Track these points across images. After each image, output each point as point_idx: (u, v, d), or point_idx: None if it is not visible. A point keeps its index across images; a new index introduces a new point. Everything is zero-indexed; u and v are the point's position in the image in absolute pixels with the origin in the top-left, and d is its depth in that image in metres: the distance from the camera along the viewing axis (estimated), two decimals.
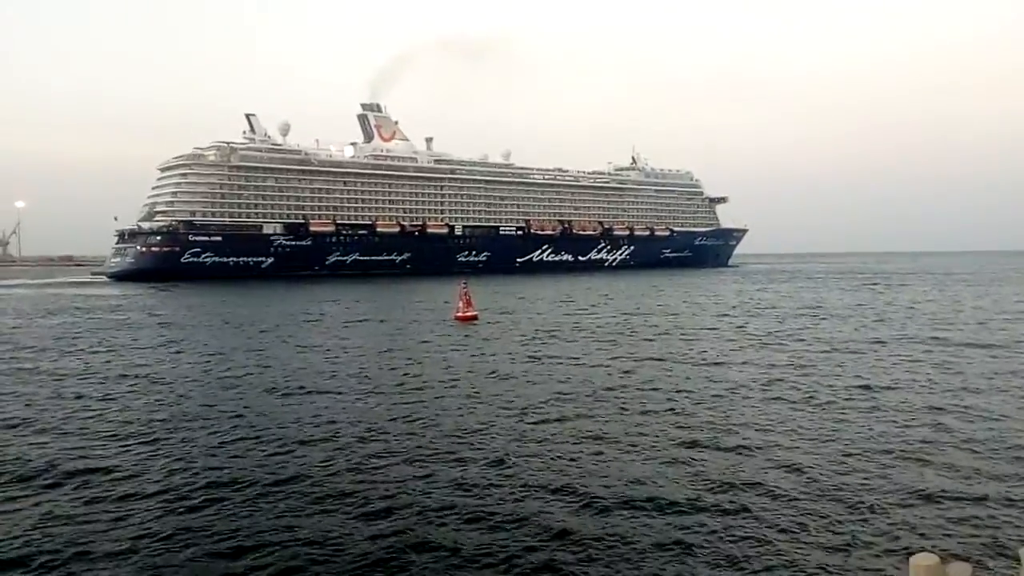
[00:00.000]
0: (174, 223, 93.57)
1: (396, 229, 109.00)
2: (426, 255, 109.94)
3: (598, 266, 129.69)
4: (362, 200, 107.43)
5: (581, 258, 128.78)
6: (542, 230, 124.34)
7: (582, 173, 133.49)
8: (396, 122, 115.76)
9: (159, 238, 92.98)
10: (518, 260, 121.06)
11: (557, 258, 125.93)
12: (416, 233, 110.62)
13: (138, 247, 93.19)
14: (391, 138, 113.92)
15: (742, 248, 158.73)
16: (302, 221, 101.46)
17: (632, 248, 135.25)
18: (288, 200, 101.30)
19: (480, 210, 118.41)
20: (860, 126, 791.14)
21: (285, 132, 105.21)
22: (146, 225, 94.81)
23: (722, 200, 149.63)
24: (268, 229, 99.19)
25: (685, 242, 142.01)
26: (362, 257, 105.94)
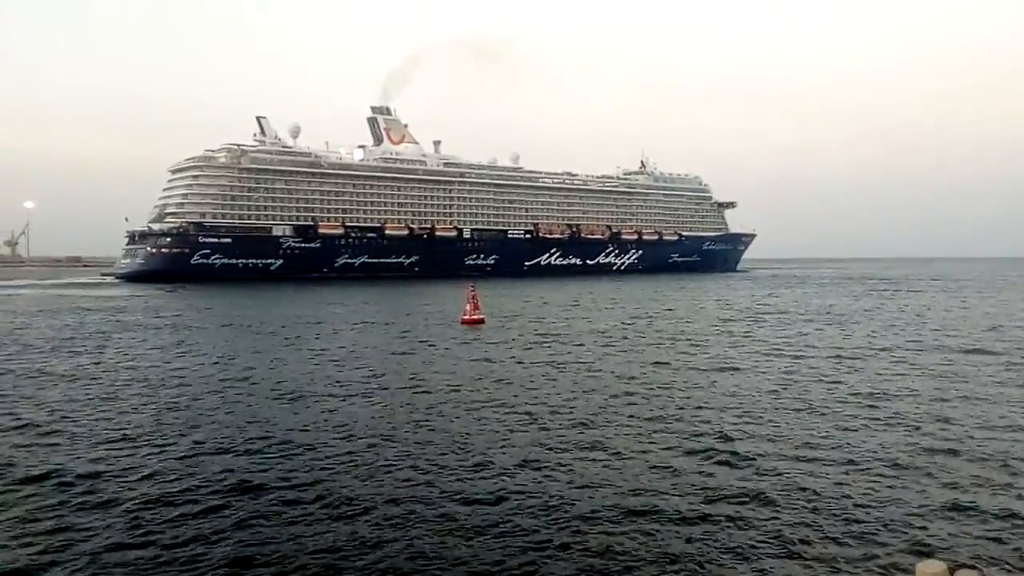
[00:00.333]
0: (184, 224, 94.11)
1: (405, 232, 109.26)
2: (434, 258, 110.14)
3: (606, 270, 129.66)
4: (371, 203, 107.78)
5: (589, 262, 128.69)
6: (550, 234, 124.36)
7: (591, 177, 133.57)
8: (406, 125, 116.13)
9: (169, 239, 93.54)
10: (526, 264, 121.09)
11: (565, 262, 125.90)
12: (425, 236, 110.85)
13: (148, 248, 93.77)
14: (400, 141, 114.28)
15: (750, 253, 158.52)
16: (311, 223, 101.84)
17: (640, 252, 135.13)
18: (297, 202, 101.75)
19: (489, 213, 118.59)
20: (865, 129, 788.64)
21: (295, 134, 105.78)
22: (156, 226, 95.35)
23: (731, 205, 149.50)
24: (277, 231, 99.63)
25: (693, 247, 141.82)
26: (371, 260, 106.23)
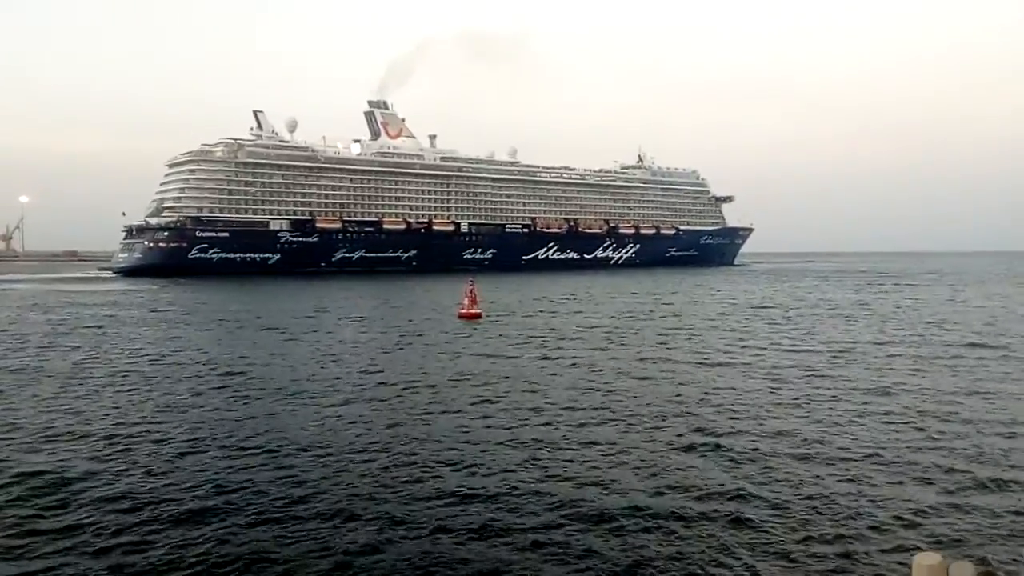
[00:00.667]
0: (181, 219, 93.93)
1: (402, 226, 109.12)
2: (432, 252, 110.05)
3: (603, 264, 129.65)
4: (368, 197, 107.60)
5: (587, 256, 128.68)
6: (548, 228, 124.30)
7: (588, 171, 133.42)
8: (403, 119, 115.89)
9: (166, 234, 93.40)
10: (524, 258, 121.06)
11: (563, 256, 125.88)
12: (422, 230, 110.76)
13: (146, 242, 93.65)
14: (398, 135, 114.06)
15: (747, 247, 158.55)
16: (309, 218, 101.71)
17: (638, 246, 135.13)
18: (295, 196, 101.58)
19: (486, 208, 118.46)
20: (863, 125, 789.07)
21: (292, 129, 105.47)
22: (154, 221, 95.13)
23: (728, 199, 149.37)
24: (275, 225, 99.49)
25: (691, 241, 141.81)
26: (368, 254, 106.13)
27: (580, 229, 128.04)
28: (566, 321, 37.53)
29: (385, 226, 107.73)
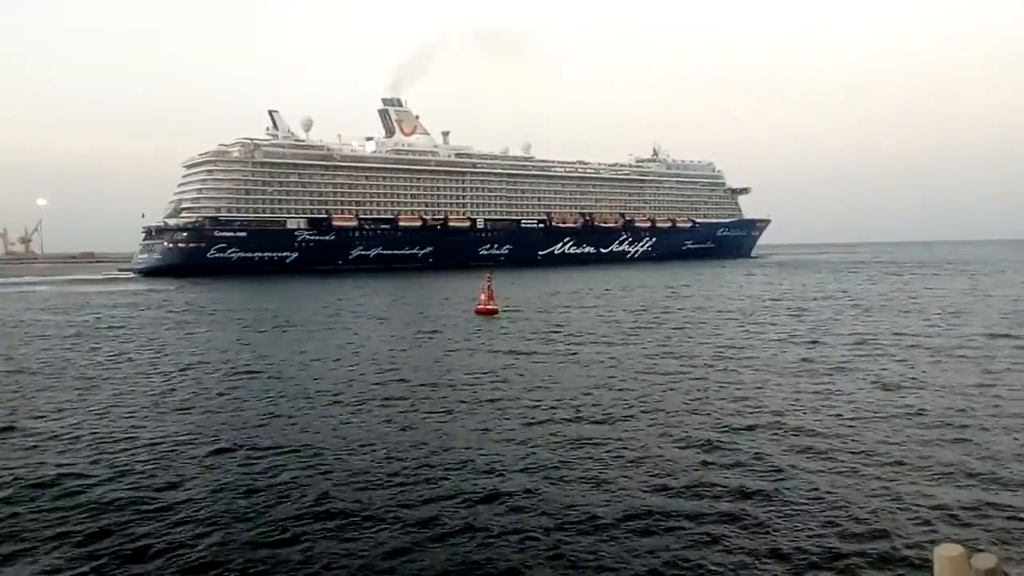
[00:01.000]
0: (200, 219, 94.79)
1: (418, 223, 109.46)
2: (448, 249, 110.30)
3: (620, 258, 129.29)
4: (384, 194, 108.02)
5: (603, 250, 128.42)
6: (563, 223, 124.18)
7: (603, 165, 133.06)
8: (417, 116, 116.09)
9: (185, 234, 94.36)
10: (540, 253, 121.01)
11: (579, 250, 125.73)
12: (438, 227, 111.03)
13: (165, 243, 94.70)
14: (412, 132, 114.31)
15: (764, 239, 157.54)
16: (325, 216, 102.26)
17: (654, 240, 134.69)
18: (311, 195, 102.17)
19: (501, 203, 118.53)
20: (874, 115, 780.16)
21: (307, 128, 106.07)
22: (172, 221, 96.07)
23: (744, 191, 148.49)
24: (292, 224, 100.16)
25: (707, 233, 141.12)
26: (385, 251, 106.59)
27: (596, 223, 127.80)
28: (583, 316, 37.51)
29: (401, 223, 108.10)
